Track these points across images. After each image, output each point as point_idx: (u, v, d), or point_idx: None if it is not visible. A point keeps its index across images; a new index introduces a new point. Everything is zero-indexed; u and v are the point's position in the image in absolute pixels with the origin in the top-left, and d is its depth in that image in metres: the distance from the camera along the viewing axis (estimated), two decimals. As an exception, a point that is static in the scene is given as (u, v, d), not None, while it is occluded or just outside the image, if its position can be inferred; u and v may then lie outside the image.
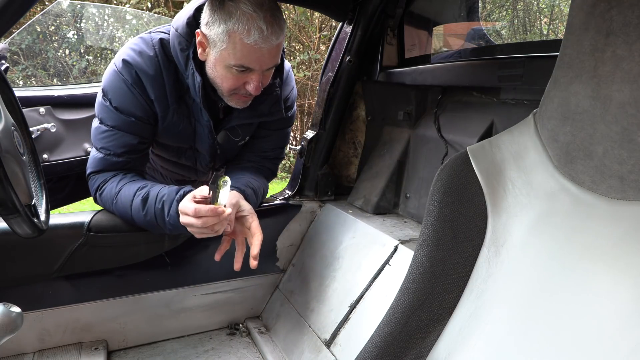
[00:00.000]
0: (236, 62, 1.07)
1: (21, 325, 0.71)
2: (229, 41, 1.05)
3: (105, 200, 1.22)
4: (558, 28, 2.02)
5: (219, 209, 1.05)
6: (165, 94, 1.18)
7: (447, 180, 0.70)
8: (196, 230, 1.08)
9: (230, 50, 1.06)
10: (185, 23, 1.14)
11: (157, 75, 1.16)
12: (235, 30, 1.03)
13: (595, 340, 0.51)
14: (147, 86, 1.16)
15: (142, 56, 1.16)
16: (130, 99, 1.17)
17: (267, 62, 1.10)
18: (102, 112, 1.19)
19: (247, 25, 1.02)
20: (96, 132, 1.20)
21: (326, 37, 5.19)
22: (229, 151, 1.40)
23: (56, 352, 1.32)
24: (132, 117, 1.18)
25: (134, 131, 1.19)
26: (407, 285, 0.71)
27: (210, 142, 1.30)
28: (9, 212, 0.77)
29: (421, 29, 1.59)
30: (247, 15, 1.02)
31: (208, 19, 1.07)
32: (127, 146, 1.19)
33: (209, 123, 1.24)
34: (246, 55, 1.06)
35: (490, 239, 0.66)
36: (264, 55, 1.07)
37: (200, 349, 1.44)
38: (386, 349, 0.70)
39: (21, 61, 3.14)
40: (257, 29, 1.03)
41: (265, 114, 1.30)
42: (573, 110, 0.57)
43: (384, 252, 1.25)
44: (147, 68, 1.15)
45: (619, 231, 0.53)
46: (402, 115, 1.54)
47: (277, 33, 1.06)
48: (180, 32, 1.14)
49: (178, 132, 1.26)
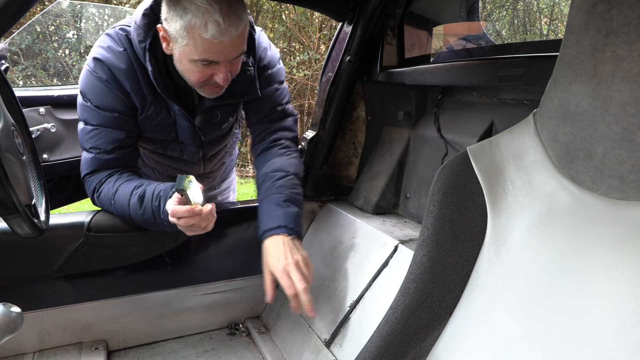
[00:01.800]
0: (199, 56, 1.06)
1: (21, 325, 0.71)
2: (189, 37, 1.04)
3: (103, 202, 1.22)
4: (558, 28, 2.02)
5: (195, 209, 1.04)
6: (141, 86, 1.19)
7: (447, 180, 0.70)
8: (183, 229, 1.08)
9: (191, 46, 1.05)
10: (142, 14, 1.14)
11: (129, 68, 1.16)
12: (193, 25, 1.01)
13: (595, 340, 0.51)
14: (122, 80, 1.17)
15: (112, 52, 1.17)
16: (109, 95, 1.17)
17: (231, 53, 1.08)
18: (85, 113, 1.20)
19: (203, 20, 1.00)
20: (83, 133, 1.21)
21: (326, 37, 5.19)
22: (213, 136, 1.38)
23: (56, 352, 1.32)
24: (115, 112, 1.19)
25: (119, 126, 1.20)
26: (407, 285, 0.71)
27: (191, 129, 1.29)
28: (9, 212, 0.77)
29: (421, 29, 1.59)
30: (202, 10, 1.00)
31: (166, 14, 1.06)
32: (116, 142, 1.20)
33: (182, 111, 1.24)
34: (208, 50, 1.05)
35: (490, 239, 0.66)
36: (226, 47, 1.05)
37: (200, 349, 1.44)
38: (386, 349, 0.70)
39: (21, 61, 3.14)
40: (214, 22, 1.00)
41: (239, 95, 1.28)
42: (573, 110, 0.57)
43: (384, 252, 1.25)
44: (119, 62, 1.16)
45: (619, 231, 0.53)
46: (402, 115, 1.54)
47: (235, 24, 1.03)
48: (138, 25, 1.14)
49: (157, 123, 1.26)
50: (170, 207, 1.05)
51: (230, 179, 1.83)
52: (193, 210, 1.04)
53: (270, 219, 1.19)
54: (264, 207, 1.23)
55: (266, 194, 1.25)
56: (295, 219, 1.20)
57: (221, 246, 1.46)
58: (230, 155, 1.69)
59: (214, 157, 1.52)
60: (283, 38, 5.37)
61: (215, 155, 1.52)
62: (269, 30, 5.29)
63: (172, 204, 1.06)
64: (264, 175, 1.30)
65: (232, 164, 1.79)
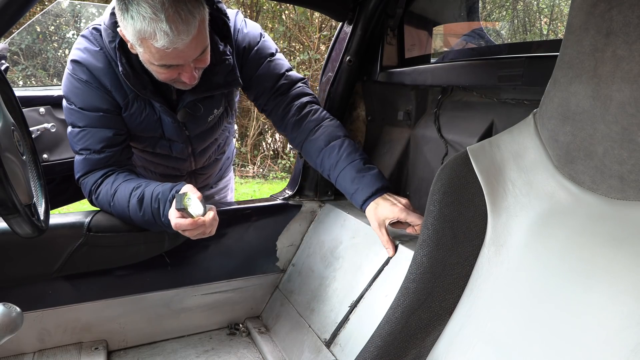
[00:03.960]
0: (158, 62, 1.06)
1: (21, 325, 0.71)
2: (143, 46, 1.03)
3: (103, 203, 1.22)
4: (558, 28, 2.02)
5: (198, 221, 1.06)
6: (121, 83, 1.19)
7: (447, 180, 0.70)
8: (187, 235, 1.10)
9: (148, 54, 1.05)
10: (110, 14, 1.13)
11: (107, 66, 1.16)
12: (144, 35, 1.00)
13: (595, 340, 0.51)
14: (102, 79, 1.17)
15: (89, 52, 1.17)
16: (92, 95, 1.18)
17: (191, 55, 1.07)
18: (71, 117, 1.21)
19: (151, 32, 0.99)
20: (71, 136, 1.22)
21: (326, 37, 5.19)
22: (199, 130, 1.36)
23: (56, 352, 1.32)
24: (99, 111, 1.19)
25: (105, 125, 1.20)
26: (407, 285, 0.71)
27: (175, 125, 1.28)
28: (9, 212, 0.78)
29: (421, 29, 1.59)
30: (148, 21, 0.98)
31: (119, 21, 1.05)
32: (104, 140, 1.20)
33: (163, 107, 1.23)
34: (164, 57, 1.04)
35: (491, 239, 0.66)
36: (182, 52, 1.04)
37: (200, 349, 1.44)
38: (386, 349, 0.70)
39: (21, 61, 3.14)
40: (163, 33, 0.98)
41: (221, 85, 1.26)
42: (573, 110, 0.57)
43: (384, 252, 1.25)
44: (96, 62, 1.16)
45: (619, 231, 0.53)
46: (402, 115, 1.54)
47: (185, 30, 1.00)
48: (107, 25, 1.14)
49: (142, 120, 1.25)
50: (174, 222, 1.07)
51: (228, 178, 1.81)
52: (196, 222, 1.06)
53: (364, 188, 1.21)
54: (347, 181, 1.24)
55: (340, 167, 1.25)
56: (380, 176, 1.22)
57: (221, 246, 1.46)
58: (224, 151, 1.66)
59: (205, 152, 1.50)
60: (283, 38, 5.37)
61: (206, 150, 1.49)
62: (269, 30, 5.30)
63: (174, 218, 1.07)
64: (320, 152, 1.29)
65: (229, 162, 1.77)
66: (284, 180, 5.16)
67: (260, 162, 5.55)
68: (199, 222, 1.06)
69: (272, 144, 5.77)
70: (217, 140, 1.52)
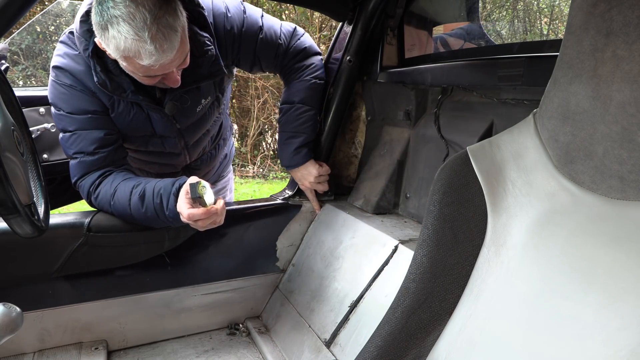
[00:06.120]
0: (143, 74, 1.07)
1: (21, 325, 0.71)
2: (127, 62, 1.04)
3: (102, 203, 1.22)
4: (558, 28, 2.02)
5: (211, 210, 1.08)
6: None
7: (447, 180, 0.70)
8: (196, 226, 1.11)
9: (131, 69, 1.06)
10: (80, 21, 1.13)
11: (88, 69, 1.16)
12: (127, 54, 1.01)
13: (595, 340, 0.51)
14: (85, 81, 1.18)
15: (69, 57, 1.18)
16: (78, 99, 1.18)
17: (175, 64, 1.08)
18: (61, 122, 1.21)
19: (135, 51, 0.99)
20: (63, 141, 1.22)
21: (326, 37, 5.19)
22: (190, 122, 1.36)
23: (56, 352, 1.32)
24: (87, 113, 1.19)
25: (95, 126, 1.20)
26: (407, 285, 0.71)
27: (164, 119, 1.28)
28: (9, 212, 0.78)
29: (421, 29, 1.59)
30: (131, 41, 0.98)
31: (99, 38, 1.04)
32: (96, 142, 1.20)
33: (150, 104, 1.23)
34: (148, 70, 1.05)
35: (491, 239, 0.66)
36: (167, 64, 1.05)
37: (200, 349, 1.44)
38: (386, 349, 0.70)
39: (21, 61, 3.14)
40: (147, 53, 0.99)
41: (205, 76, 1.26)
42: (573, 110, 0.57)
43: (384, 252, 1.25)
44: (77, 65, 1.17)
45: (619, 231, 0.53)
46: (402, 115, 1.54)
47: (170, 48, 1.01)
48: (79, 33, 1.13)
49: (131, 119, 1.25)
50: (187, 212, 1.07)
51: (227, 179, 1.81)
52: (209, 211, 1.08)
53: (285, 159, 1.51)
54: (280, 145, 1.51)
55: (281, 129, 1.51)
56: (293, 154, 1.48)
57: (221, 246, 1.47)
58: (218, 145, 1.64)
59: (198, 144, 1.49)
60: (283, 38, 5.34)
61: (199, 142, 1.48)
62: (269, 30, 5.27)
63: (187, 209, 1.07)
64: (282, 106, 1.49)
65: (227, 161, 1.77)
66: (284, 180, 5.16)
67: (260, 162, 5.55)
68: (212, 211, 1.08)
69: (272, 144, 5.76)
70: (209, 132, 1.52)
